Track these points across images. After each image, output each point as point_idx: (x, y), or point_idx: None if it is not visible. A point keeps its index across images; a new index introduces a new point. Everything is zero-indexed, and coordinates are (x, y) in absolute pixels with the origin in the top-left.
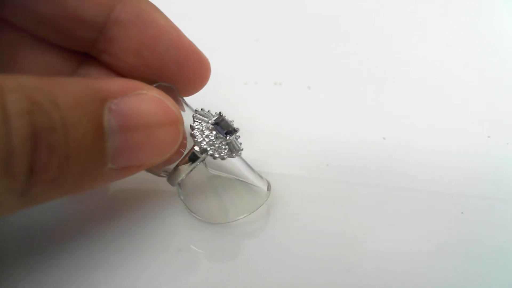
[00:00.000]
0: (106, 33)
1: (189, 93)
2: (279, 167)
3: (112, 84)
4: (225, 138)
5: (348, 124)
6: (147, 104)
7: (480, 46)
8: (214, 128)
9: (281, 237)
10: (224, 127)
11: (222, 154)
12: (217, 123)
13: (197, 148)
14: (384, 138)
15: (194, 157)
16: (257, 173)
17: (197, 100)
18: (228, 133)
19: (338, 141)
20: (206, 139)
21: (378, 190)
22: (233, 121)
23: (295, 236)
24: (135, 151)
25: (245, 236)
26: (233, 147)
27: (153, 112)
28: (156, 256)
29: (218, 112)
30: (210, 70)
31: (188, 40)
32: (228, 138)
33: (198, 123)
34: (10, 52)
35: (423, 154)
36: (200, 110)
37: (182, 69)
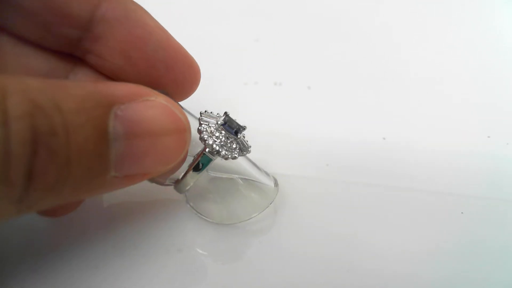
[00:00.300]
0: (92, 30)
1: (179, 98)
2: (279, 167)
3: (119, 89)
4: (236, 137)
5: (348, 124)
6: (155, 110)
7: (480, 46)
8: (223, 128)
9: (281, 237)
10: (232, 126)
11: (234, 154)
12: (225, 123)
13: (208, 150)
14: (384, 138)
15: (205, 162)
16: (263, 170)
17: (197, 100)
18: (238, 132)
19: (338, 141)
20: (216, 140)
21: (378, 190)
22: (236, 119)
23: (295, 236)
24: (140, 159)
25: (246, 236)
26: (243, 145)
27: (160, 120)
28: (160, 258)
29: (224, 112)
30: (200, 74)
31: (177, 42)
32: (238, 136)
33: (206, 125)
34: None
35: (423, 154)
36: (204, 112)
37: (171, 71)
